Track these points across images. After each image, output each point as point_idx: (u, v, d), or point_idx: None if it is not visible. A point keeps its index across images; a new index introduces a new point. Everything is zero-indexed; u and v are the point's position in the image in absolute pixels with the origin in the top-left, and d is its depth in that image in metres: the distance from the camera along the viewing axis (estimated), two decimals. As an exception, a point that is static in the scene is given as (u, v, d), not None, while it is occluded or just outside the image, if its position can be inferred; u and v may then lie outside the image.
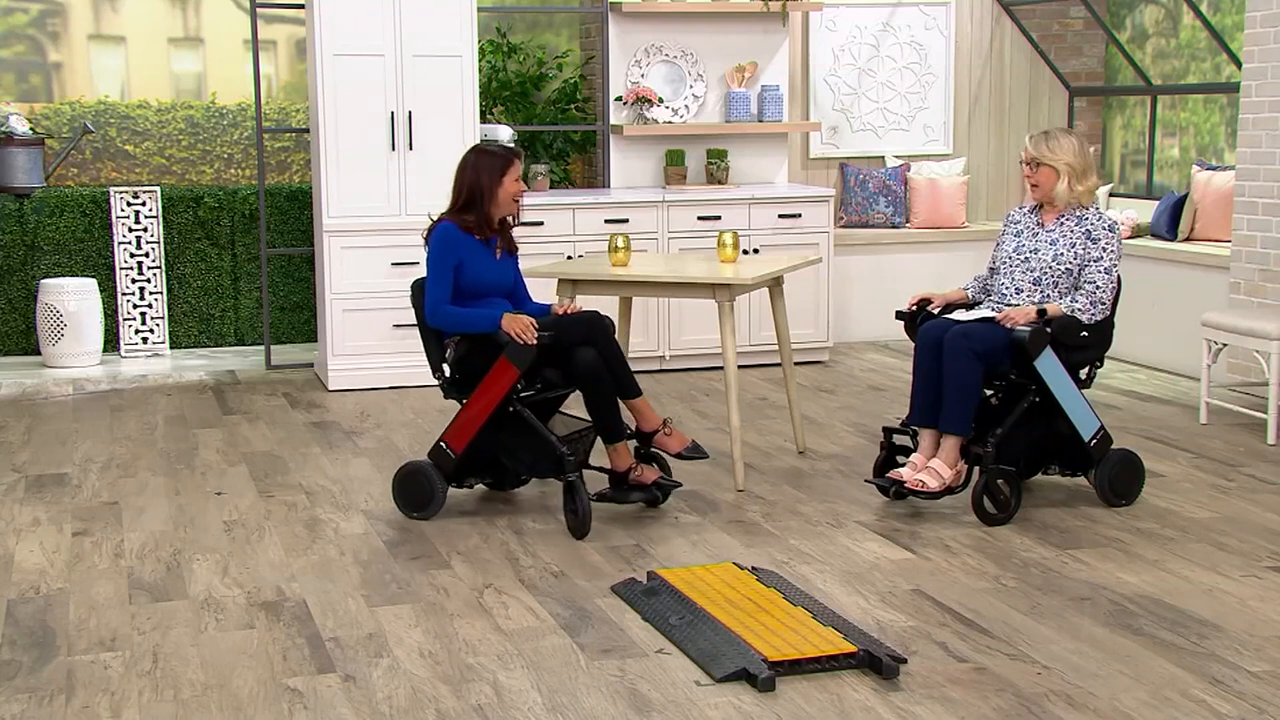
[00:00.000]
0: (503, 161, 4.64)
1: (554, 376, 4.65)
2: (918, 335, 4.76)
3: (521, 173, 4.72)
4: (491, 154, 4.67)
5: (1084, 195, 4.75)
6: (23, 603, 3.90)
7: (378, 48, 6.65)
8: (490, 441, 4.62)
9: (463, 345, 4.61)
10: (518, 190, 4.69)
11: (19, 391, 6.76)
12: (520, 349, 4.46)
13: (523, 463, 4.65)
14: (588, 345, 4.56)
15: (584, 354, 4.54)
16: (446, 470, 4.64)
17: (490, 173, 4.63)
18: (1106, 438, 4.76)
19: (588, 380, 4.54)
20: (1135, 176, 8.38)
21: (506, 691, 3.30)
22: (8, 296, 7.51)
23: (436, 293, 4.58)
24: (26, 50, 7.89)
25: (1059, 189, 4.72)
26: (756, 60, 7.62)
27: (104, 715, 3.18)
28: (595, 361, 4.54)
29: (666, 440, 4.71)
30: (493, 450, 4.65)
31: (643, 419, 4.72)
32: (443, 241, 4.61)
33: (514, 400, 4.55)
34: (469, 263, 4.62)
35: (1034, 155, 4.74)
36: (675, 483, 4.78)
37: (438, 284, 4.58)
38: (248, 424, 6.07)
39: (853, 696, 3.27)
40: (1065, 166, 4.71)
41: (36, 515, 4.73)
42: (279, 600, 3.91)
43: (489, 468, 4.73)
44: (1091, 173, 4.76)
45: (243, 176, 8.16)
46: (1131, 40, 8.36)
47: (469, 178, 4.65)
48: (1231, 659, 3.48)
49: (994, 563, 4.22)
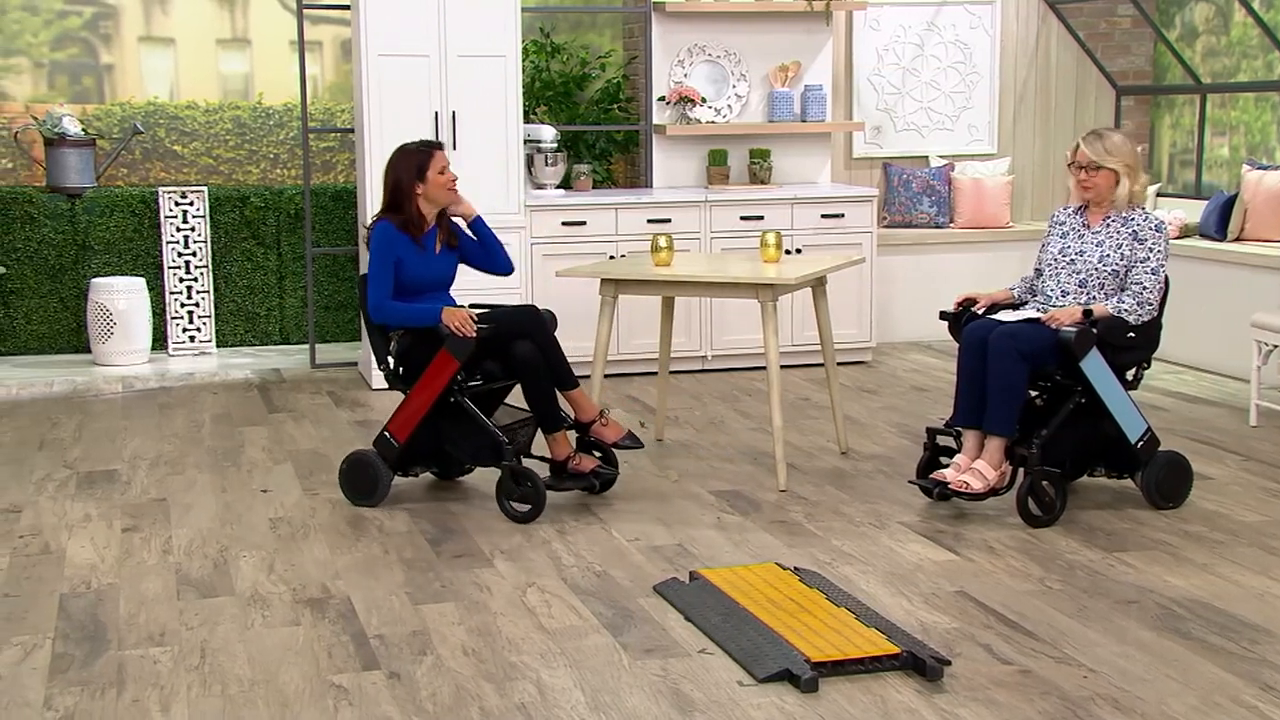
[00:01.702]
0: (419, 158, 4.78)
1: (494, 368, 4.81)
2: (962, 336, 4.73)
3: (445, 162, 4.82)
4: (408, 152, 4.82)
5: (1139, 194, 4.71)
6: (75, 597, 3.95)
7: (422, 48, 6.68)
8: (433, 431, 4.78)
9: (406, 339, 4.77)
10: (445, 180, 4.81)
11: (70, 389, 6.85)
12: (460, 341, 4.61)
13: (464, 451, 4.81)
14: (525, 338, 4.72)
15: (521, 346, 4.70)
16: (391, 459, 4.79)
17: (408, 171, 4.78)
18: (1154, 440, 4.71)
19: (525, 371, 4.71)
20: (1184, 176, 8.28)
21: (549, 690, 3.31)
22: (59, 295, 7.61)
23: (378, 289, 4.73)
24: (80, 53, 7.99)
25: (1120, 192, 4.67)
26: (800, 60, 7.59)
27: (154, 709, 3.22)
28: (532, 353, 4.69)
29: (603, 430, 4.84)
30: (436, 439, 4.81)
31: (580, 409, 4.84)
32: (380, 240, 4.76)
33: (455, 391, 4.69)
34: (406, 260, 4.77)
35: (1092, 159, 4.67)
36: (613, 471, 4.88)
37: (379, 281, 4.73)
38: (293, 422, 6.12)
39: (896, 698, 3.26)
40: (1124, 168, 4.66)
41: (88, 511, 4.80)
42: (324, 597, 3.94)
43: (433, 456, 4.91)
44: (1141, 170, 4.73)
45: (288, 176, 8.22)
46: (1181, 38, 8.26)
47: (390, 179, 4.83)
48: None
49: (1039, 565, 4.18)
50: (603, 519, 4.65)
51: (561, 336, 4.89)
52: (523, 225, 6.87)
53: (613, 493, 4.93)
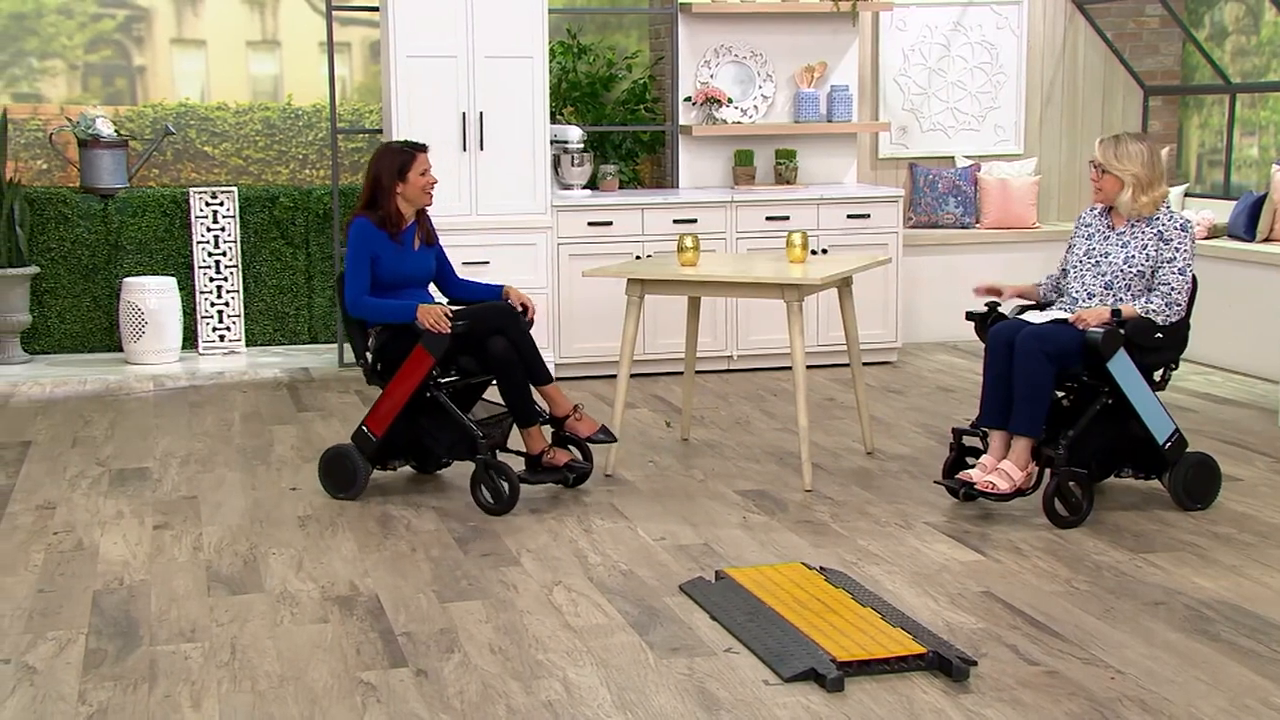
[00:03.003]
0: (402, 158, 4.83)
1: (469, 364, 4.86)
2: (988, 337, 4.71)
3: (428, 165, 4.87)
4: (393, 151, 4.87)
5: (1146, 207, 4.64)
6: (108, 593, 3.98)
7: (450, 49, 6.70)
8: (410, 425, 4.83)
9: (383, 334, 4.81)
10: (425, 183, 4.87)
11: (103, 387, 6.90)
12: (435, 338, 4.66)
13: (441, 444, 4.86)
14: (500, 334, 4.76)
15: (496, 342, 4.75)
16: (368, 452, 4.85)
17: (389, 170, 4.83)
18: (1181, 441, 4.68)
19: (499, 367, 4.76)
20: (1212, 176, 8.22)
21: (576, 688, 3.31)
22: (92, 295, 7.67)
23: (355, 285, 4.78)
24: (113, 55, 8.05)
25: (1121, 199, 4.65)
26: (826, 60, 7.57)
27: (185, 704, 3.24)
28: (507, 349, 4.75)
29: (577, 425, 4.90)
30: (413, 434, 4.86)
31: (554, 405, 4.91)
32: (357, 236, 4.81)
33: (431, 386, 4.73)
34: (383, 256, 4.82)
35: (1100, 161, 4.66)
36: (586, 465, 4.94)
37: (355, 277, 4.78)
38: (321, 421, 6.15)
39: (922, 698, 3.25)
40: (1131, 178, 4.62)
41: (120, 508, 4.83)
42: (352, 595, 3.96)
43: (410, 450, 4.97)
44: (1159, 183, 4.64)
45: (317, 177, 8.26)
46: (1210, 38, 8.20)
47: (371, 175, 4.88)
48: (1311, 667, 3.41)
49: (1066, 566, 4.16)
50: (629, 518, 4.66)
51: (589, 336, 4.91)
52: (549, 225, 6.88)
53: (639, 492, 4.94)
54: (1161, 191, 4.65)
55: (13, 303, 7.36)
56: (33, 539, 4.49)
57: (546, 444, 4.87)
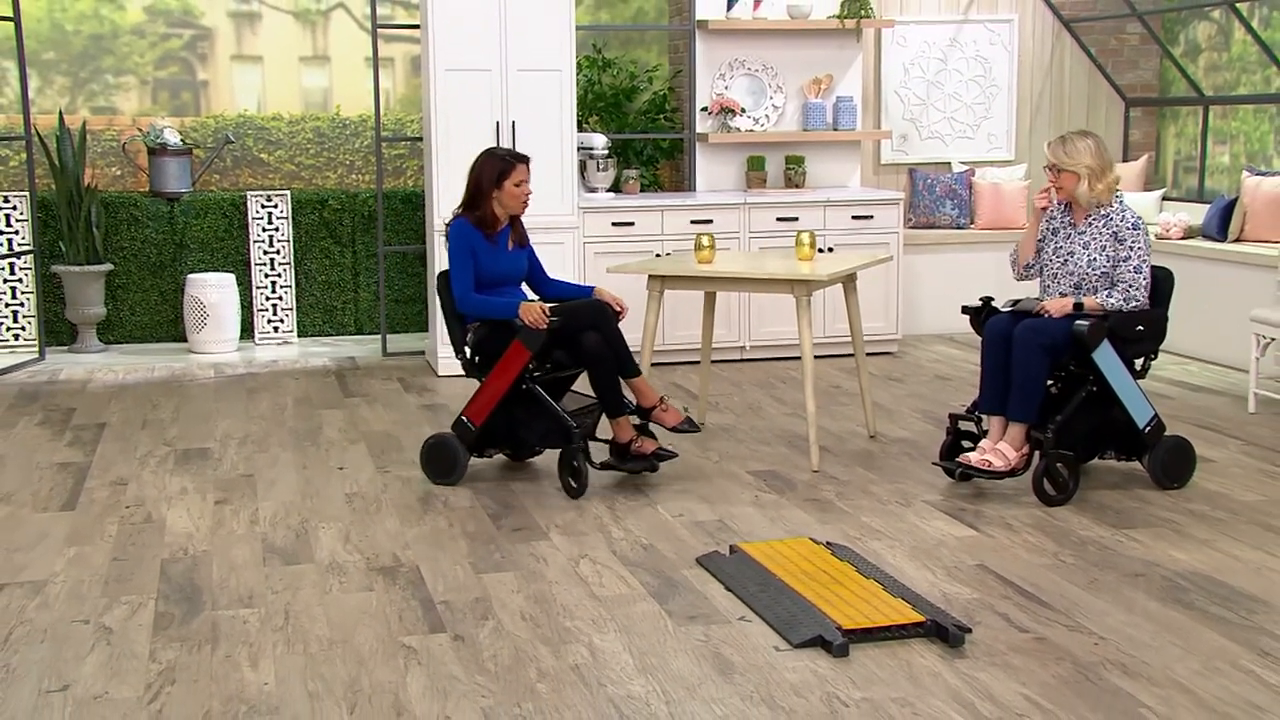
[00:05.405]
0: (503, 165, 4.72)
1: (563, 358, 4.76)
2: (984, 330, 4.68)
3: (525, 176, 4.75)
4: (495, 158, 4.75)
5: (1103, 193, 4.61)
6: (174, 562, 4.00)
7: (485, 64, 6.68)
8: (507, 416, 4.74)
9: (482, 329, 4.72)
10: (521, 193, 4.76)
11: (169, 374, 6.92)
12: (532, 333, 4.58)
13: (535, 434, 4.76)
14: (593, 330, 4.67)
15: (589, 337, 4.65)
16: (468, 441, 4.77)
17: (489, 176, 4.72)
18: (1160, 425, 4.64)
19: (591, 361, 4.66)
20: (1188, 181, 8.15)
21: (601, 653, 3.30)
22: (160, 290, 7.70)
23: (462, 282, 4.70)
24: (179, 71, 8.06)
25: (1080, 190, 4.61)
26: (832, 73, 7.53)
27: (244, 664, 3.25)
28: (599, 344, 4.65)
29: (663, 415, 4.79)
30: (509, 423, 4.77)
31: (642, 396, 4.79)
32: (457, 235, 4.72)
33: (527, 379, 4.65)
34: (481, 255, 4.73)
35: (1054, 162, 4.62)
36: (671, 453, 4.83)
37: (461, 274, 4.70)
38: (366, 406, 6.16)
39: (920, 663, 3.23)
40: (1085, 169, 4.58)
41: (184, 485, 4.85)
42: (395, 566, 3.96)
43: (506, 439, 4.86)
44: (1110, 169, 4.61)
45: (363, 181, 8.26)
46: (1185, 54, 8.12)
47: (473, 177, 4.76)
48: (1279, 633, 3.38)
49: (1053, 540, 4.13)
50: (649, 497, 4.64)
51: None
52: (576, 226, 6.86)
53: (659, 473, 4.92)
54: (1114, 177, 4.61)
55: (90, 297, 7.40)
56: (107, 512, 4.50)
57: (634, 433, 4.74)
